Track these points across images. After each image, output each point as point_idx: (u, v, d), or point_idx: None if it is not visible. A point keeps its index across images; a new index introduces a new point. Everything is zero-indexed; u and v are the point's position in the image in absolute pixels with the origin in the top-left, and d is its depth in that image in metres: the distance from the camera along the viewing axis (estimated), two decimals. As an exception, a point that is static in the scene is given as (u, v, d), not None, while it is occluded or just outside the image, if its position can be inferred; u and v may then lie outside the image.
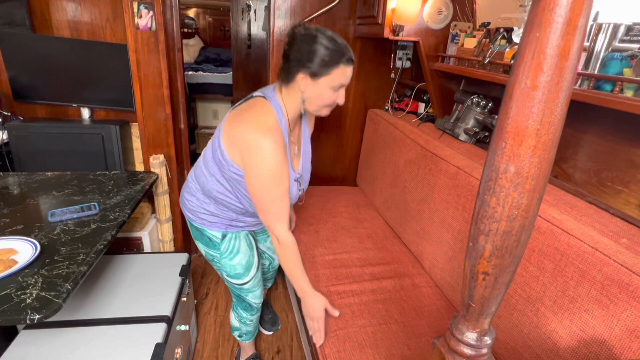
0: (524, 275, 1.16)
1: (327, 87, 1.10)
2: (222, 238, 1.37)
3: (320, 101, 1.14)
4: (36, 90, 2.09)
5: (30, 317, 0.95)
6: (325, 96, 1.12)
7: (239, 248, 1.39)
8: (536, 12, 0.38)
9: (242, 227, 1.41)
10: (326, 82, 1.09)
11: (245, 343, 1.75)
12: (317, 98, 1.13)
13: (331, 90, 1.11)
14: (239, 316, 1.60)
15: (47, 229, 1.33)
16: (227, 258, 1.38)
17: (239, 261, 1.39)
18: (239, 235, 1.40)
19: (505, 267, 0.48)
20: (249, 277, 1.44)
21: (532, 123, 0.40)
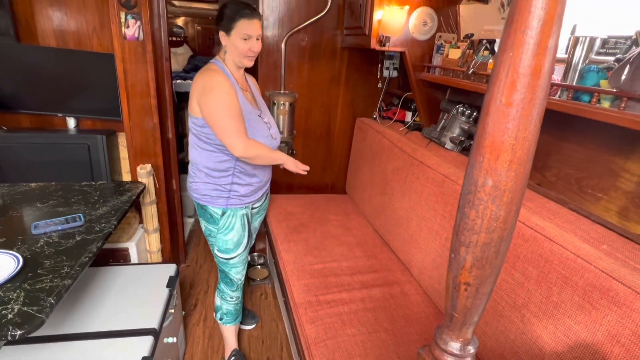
0: (510, 282, 1.18)
1: (238, 38, 1.38)
2: (221, 214, 1.56)
3: (236, 51, 1.41)
4: (20, 100, 2.06)
5: (12, 333, 0.92)
6: (239, 46, 1.39)
7: (234, 225, 1.58)
8: (509, 34, 0.40)
9: (240, 198, 1.56)
10: (235, 34, 1.37)
11: (226, 327, 1.81)
12: (234, 48, 1.40)
13: (241, 40, 1.38)
14: (221, 292, 1.75)
15: (30, 242, 1.30)
16: (222, 233, 1.58)
17: (231, 237, 1.59)
18: (236, 213, 1.58)
19: (486, 278, 0.49)
20: (236, 254, 1.63)
21: (507, 138, 0.41)
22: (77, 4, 2.03)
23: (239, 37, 1.38)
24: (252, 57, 1.45)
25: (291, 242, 1.99)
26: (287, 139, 2.37)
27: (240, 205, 1.58)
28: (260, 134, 1.49)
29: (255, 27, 1.39)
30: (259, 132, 1.49)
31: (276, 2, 2.20)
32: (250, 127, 1.44)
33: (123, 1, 1.78)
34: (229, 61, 1.47)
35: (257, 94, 1.63)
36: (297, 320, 1.52)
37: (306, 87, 2.43)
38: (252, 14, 1.37)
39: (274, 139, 1.57)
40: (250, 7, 1.39)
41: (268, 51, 2.29)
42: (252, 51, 1.41)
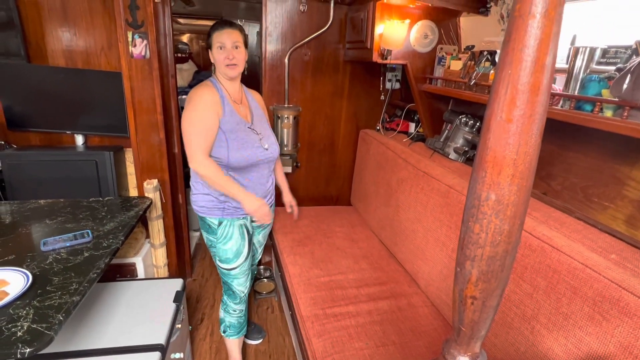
0: (518, 293, 1.17)
1: (215, 50, 1.48)
2: (218, 224, 1.60)
3: (218, 62, 1.49)
4: (30, 118, 2.10)
5: (21, 351, 0.93)
6: (217, 57, 1.48)
7: (232, 235, 1.60)
8: (507, 52, 0.41)
9: (235, 209, 1.59)
10: (214, 47, 1.48)
11: (230, 340, 1.83)
12: (216, 60, 1.50)
13: (218, 50, 1.47)
14: (224, 304, 1.78)
15: (39, 259, 1.31)
16: (221, 243, 1.60)
17: (230, 247, 1.61)
18: (234, 223, 1.60)
19: (492, 291, 0.49)
20: (237, 264, 1.64)
21: (509, 153, 0.42)
22: (86, 25, 2.09)
23: (216, 49, 1.47)
24: (233, 66, 1.49)
25: (297, 255, 1.99)
26: (291, 152, 2.40)
27: (236, 216, 1.61)
28: (249, 144, 1.53)
29: (226, 35, 1.46)
30: (248, 143, 1.53)
31: (279, 18, 2.24)
32: (237, 137, 1.50)
33: (130, 21, 1.83)
34: (220, 76, 1.55)
35: (257, 107, 1.68)
36: (304, 334, 1.51)
37: (309, 100, 2.46)
38: (223, 25, 1.47)
39: (266, 149, 1.59)
40: (227, 21, 1.49)
41: (272, 66, 2.33)
42: (229, 59, 1.47)
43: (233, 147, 1.50)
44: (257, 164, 1.59)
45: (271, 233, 2.40)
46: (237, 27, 1.50)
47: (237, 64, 1.49)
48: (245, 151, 1.52)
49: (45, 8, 2.03)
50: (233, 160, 1.51)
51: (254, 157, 1.55)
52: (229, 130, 1.50)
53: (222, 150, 1.49)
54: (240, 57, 1.49)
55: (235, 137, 1.50)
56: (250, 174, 1.59)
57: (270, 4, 2.21)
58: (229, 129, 1.50)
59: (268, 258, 2.77)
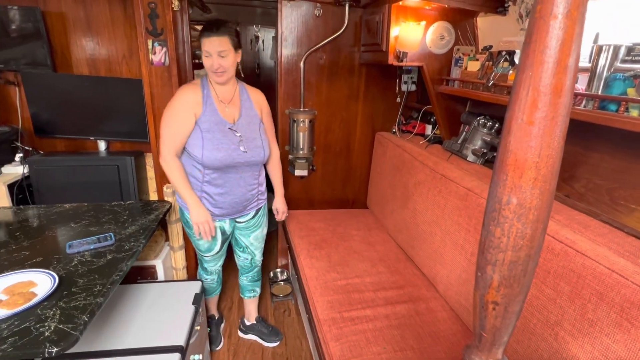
0: (541, 298, 1.14)
1: (203, 56, 1.48)
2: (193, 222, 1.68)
3: (206, 68, 1.51)
4: (56, 125, 2.18)
5: (49, 350, 0.96)
6: (205, 63, 1.50)
7: None
8: (527, 53, 0.40)
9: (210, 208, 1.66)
10: (202, 50, 1.47)
11: (207, 298, 2.05)
12: (204, 66, 1.50)
13: (204, 57, 1.48)
14: (199, 274, 2.00)
15: (65, 261, 1.36)
16: (194, 237, 1.75)
17: (202, 243, 1.77)
18: None
19: (515, 297, 0.48)
20: (208, 255, 1.83)
21: (531, 156, 0.41)
22: (108, 34, 2.16)
23: (203, 55, 1.48)
24: (220, 73, 1.50)
25: (314, 258, 2.00)
26: (307, 155, 2.41)
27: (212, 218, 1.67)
28: (224, 146, 1.55)
29: (213, 44, 1.44)
30: (224, 144, 1.55)
31: (294, 23, 2.26)
32: (213, 138, 1.54)
33: (150, 29, 1.88)
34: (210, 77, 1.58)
35: (251, 108, 1.66)
36: (321, 337, 1.51)
37: (325, 104, 2.47)
38: (211, 32, 1.44)
39: (245, 152, 1.60)
40: (216, 24, 1.46)
41: (287, 70, 2.35)
42: (213, 67, 1.47)
43: (207, 147, 1.53)
44: (236, 166, 1.61)
45: (287, 236, 2.41)
46: (226, 31, 1.46)
47: (224, 71, 1.49)
48: (219, 152, 1.54)
49: (70, 19, 2.11)
50: (206, 160, 1.54)
51: (229, 159, 1.56)
52: (205, 129, 1.54)
53: (198, 149, 1.54)
54: (227, 64, 1.48)
55: (211, 137, 1.53)
56: (229, 174, 1.62)
57: (286, 9, 2.23)
58: (206, 128, 1.53)
59: (284, 261, 2.78)
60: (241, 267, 2.02)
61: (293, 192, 2.64)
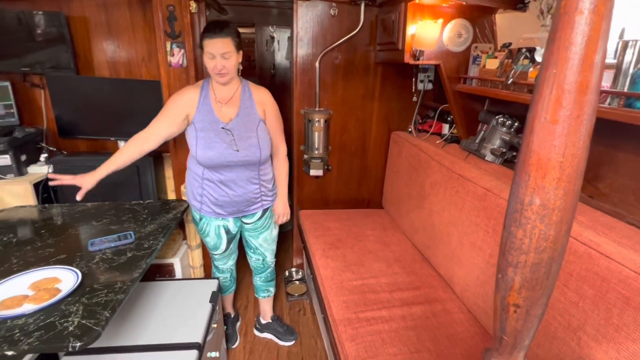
0: (563, 301, 1.11)
1: (205, 56, 1.49)
2: (199, 219, 1.78)
3: (208, 69, 1.52)
4: (78, 126, 2.24)
5: (73, 345, 0.99)
6: (207, 64, 1.50)
7: (208, 232, 1.79)
8: (551, 50, 0.39)
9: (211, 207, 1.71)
10: (205, 53, 1.48)
11: (222, 296, 2.05)
12: (206, 66, 1.52)
13: (207, 59, 1.48)
14: (213, 272, 2.03)
15: (87, 258, 1.40)
16: (201, 235, 1.84)
17: (208, 241, 1.83)
18: (210, 223, 1.76)
19: (537, 299, 0.47)
20: (216, 253, 1.89)
21: (554, 156, 0.40)
22: (128, 37, 2.21)
23: (205, 56, 1.48)
24: (222, 75, 1.51)
25: (329, 258, 2.00)
26: (322, 155, 2.41)
27: (212, 215, 1.73)
28: (216, 145, 1.57)
29: (217, 46, 1.44)
30: (216, 143, 1.57)
31: (310, 23, 2.27)
32: (206, 137, 1.57)
33: (169, 32, 1.91)
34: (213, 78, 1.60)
35: (251, 107, 1.65)
36: (336, 337, 1.51)
37: (340, 103, 2.46)
38: (214, 33, 1.44)
39: (237, 151, 1.60)
40: (217, 26, 1.46)
41: (303, 70, 2.35)
42: (217, 69, 1.48)
43: (200, 146, 1.58)
44: (230, 165, 1.62)
45: (302, 235, 2.42)
46: (229, 33, 1.46)
47: (227, 72, 1.51)
48: (210, 151, 1.57)
49: (92, 23, 2.17)
50: (200, 158, 1.59)
51: (221, 157, 1.58)
52: (200, 128, 1.58)
53: (193, 148, 1.61)
54: (230, 65, 1.49)
55: (204, 135, 1.57)
56: (224, 173, 1.64)
57: (301, 9, 2.24)
58: (200, 127, 1.58)
59: (299, 260, 2.79)
60: (254, 267, 2.03)
61: (308, 191, 2.64)
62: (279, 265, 2.43)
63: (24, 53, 2.12)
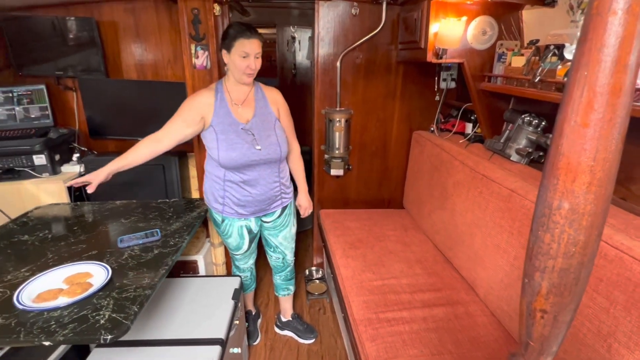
0: (592, 307, 1.08)
1: (237, 56, 1.51)
2: (221, 221, 1.79)
3: (235, 68, 1.54)
4: (108, 127, 2.33)
5: (104, 337, 1.04)
6: (237, 63, 1.52)
7: (231, 233, 1.82)
8: (582, 51, 0.38)
9: (233, 207, 1.73)
10: (235, 52, 1.50)
11: (243, 294, 2.07)
12: (233, 66, 1.53)
13: (240, 58, 1.50)
14: (233, 271, 2.06)
15: (116, 254, 1.45)
16: (223, 236, 1.86)
17: (230, 242, 1.86)
18: (233, 224, 1.78)
19: (565, 306, 0.46)
20: (238, 253, 1.92)
21: (585, 160, 0.39)
22: (154, 40, 2.27)
23: (238, 55, 1.50)
24: (250, 74, 1.56)
25: (349, 258, 2.00)
26: (342, 155, 2.41)
27: (235, 216, 1.75)
28: (238, 145, 1.59)
29: (253, 45, 1.50)
30: (238, 144, 1.59)
31: (331, 23, 2.27)
32: (227, 139, 1.59)
33: (194, 34, 1.96)
34: (229, 79, 1.62)
35: (266, 106, 1.70)
36: (357, 337, 1.51)
37: (361, 103, 2.46)
38: (251, 34, 1.50)
39: (259, 150, 1.63)
40: (250, 28, 1.52)
41: (324, 70, 2.36)
42: (250, 68, 1.53)
43: (222, 148, 1.59)
44: (253, 165, 1.64)
45: (322, 235, 2.43)
46: (260, 35, 1.54)
47: (254, 72, 1.57)
48: (233, 152, 1.59)
49: (121, 27, 2.25)
50: (223, 160, 1.60)
51: (244, 158, 1.61)
52: (220, 131, 1.59)
53: (214, 151, 1.61)
54: (258, 65, 1.56)
55: (225, 137, 1.59)
56: (247, 173, 1.66)
57: (323, 9, 2.24)
58: (220, 130, 1.59)
59: (320, 259, 2.80)
60: (274, 266, 2.06)
61: (328, 191, 2.65)
62: (298, 264, 2.45)
63: (58, 57, 2.22)
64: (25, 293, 1.18)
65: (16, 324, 1.06)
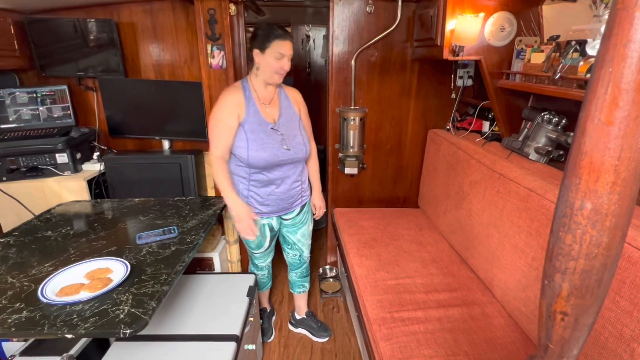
0: (614, 310, 1.05)
1: (271, 57, 1.52)
2: None
3: (269, 68, 1.54)
4: (127, 126, 2.39)
5: (123, 332, 1.06)
6: (272, 64, 1.53)
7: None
8: (607, 47, 0.37)
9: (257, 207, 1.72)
10: (270, 52, 1.51)
11: (259, 293, 2.10)
12: (267, 66, 1.54)
13: (274, 59, 1.52)
14: (250, 269, 2.07)
15: (135, 251, 1.49)
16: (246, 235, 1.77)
17: (252, 240, 1.82)
18: (257, 222, 1.73)
19: (587, 308, 0.45)
20: (258, 252, 1.91)
21: (609, 159, 0.38)
22: (171, 40, 2.31)
23: (273, 56, 1.52)
24: (282, 75, 1.58)
25: (363, 257, 1.99)
26: (357, 153, 2.41)
27: (260, 216, 1.74)
28: (268, 145, 1.60)
29: (287, 47, 1.53)
30: (268, 144, 1.60)
31: (346, 21, 2.26)
32: (257, 138, 1.59)
33: (210, 34, 1.98)
34: (257, 79, 1.61)
35: (290, 107, 1.72)
36: (371, 336, 1.51)
37: (376, 101, 2.44)
38: (285, 35, 1.52)
39: (288, 150, 1.65)
40: (283, 28, 1.54)
41: (339, 68, 2.36)
42: (283, 69, 1.55)
43: (252, 148, 1.58)
44: (280, 164, 1.65)
45: (337, 233, 2.43)
46: (292, 36, 1.59)
47: (285, 73, 1.59)
48: (264, 152, 1.59)
49: (139, 28, 2.29)
50: (252, 161, 1.60)
51: (274, 158, 1.61)
52: (250, 130, 1.58)
53: (243, 151, 1.60)
54: (290, 66, 1.58)
55: (255, 137, 1.58)
56: (273, 172, 1.66)
57: (337, 7, 2.24)
58: (250, 129, 1.58)
59: (334, 258, 2.80)
60: (290, 263, 2.07)
61: (343, 190, 2.65)
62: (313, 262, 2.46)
63: (79, 58, 2.28)
64: (49, 287, 1.23)
65: (40, 317, 1.10)
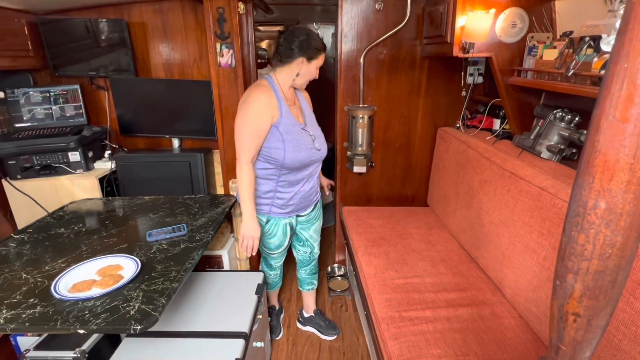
0: (628, 311, 1.03)
1: (314, 67, 1.58)
2: (266, 222, 1.75)
3: (308, 76, 1.60)
4: (137, 125, 2.41)
5: (134, 328, 1.08)
6: (313, 72, 1.59)
7: (275, 232, 1.79)
8: (622, 43, 0.36)
9: (282, 207, 1.71)
10: (315, 63, 1.56)
11: (269, 292, 2.14)
12: (308, 74, 1.59)
13: (315, 69, 1.58)
14: (263, 270, 2.04)
15: (145, 248, 1.50)
16: (266, 236, 1.80)
17: (273, 242, 1.82)
18: (279, 222, 1.76)
19: (600, 309, 0.44)
20: (277, 252, 1.89)
21: (624, 157, 0.37)
22: (181, 40, 2.33)
23: (315, 66, 1.58)
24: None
25: (372, 255, 1.99)
26: (365, 152, 2.40)
27: (282, 215, 1.74)
28: (303, 146, 1.60)
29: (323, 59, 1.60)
30: (303, 145, 1.60)
31: (355, 19, 2.25)
32: (293, 139, 1.57)
33: (219, 33, 1.99)
34: (283, 80, 1.60)
35: (307, 107, 1.74)
36: (379, 335, 1.50)
37: (385, 99, 2.43)
38: (325, 46, 1.59)
39: (318, 150, 1.68)
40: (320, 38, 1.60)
41: (347, 66, 2.35)
42: (315, 77, 1.63)
43: (289, 149, 1.57)
44: (309, 164, 1.68)
45: (345, 232, 2.42)
46: None
47: None
48: (300, 153, 1.59)
49: (149, 27, 2.31)
50: (288, 162, 1.59)
51: (308, 159, 1.63)
52: (285, 131, 1.56)
53: (279, 152, 1.56)
54: None
55: (291, 138, 1.57)
56: (302, 172, 1.68)
57: (346, 5, 2.23)
58: (285, 131, 1.56)
59: (342, 256, 2.80)
60: (300, 260, 2.07)
61: (351, 188, 2.64)
62: (321, 260, 2.46)
63: (91, 58, 2.31)
64: (62, 283, 1.25)
65: (53, 312, 1.12)
